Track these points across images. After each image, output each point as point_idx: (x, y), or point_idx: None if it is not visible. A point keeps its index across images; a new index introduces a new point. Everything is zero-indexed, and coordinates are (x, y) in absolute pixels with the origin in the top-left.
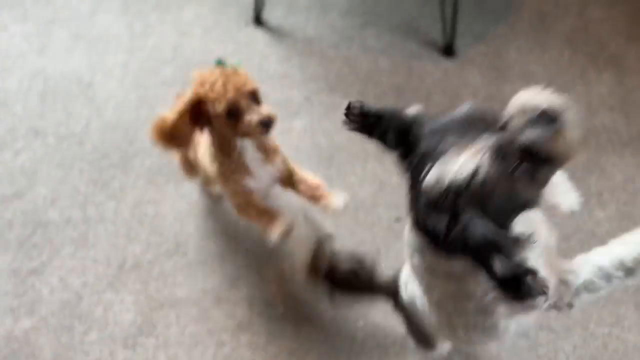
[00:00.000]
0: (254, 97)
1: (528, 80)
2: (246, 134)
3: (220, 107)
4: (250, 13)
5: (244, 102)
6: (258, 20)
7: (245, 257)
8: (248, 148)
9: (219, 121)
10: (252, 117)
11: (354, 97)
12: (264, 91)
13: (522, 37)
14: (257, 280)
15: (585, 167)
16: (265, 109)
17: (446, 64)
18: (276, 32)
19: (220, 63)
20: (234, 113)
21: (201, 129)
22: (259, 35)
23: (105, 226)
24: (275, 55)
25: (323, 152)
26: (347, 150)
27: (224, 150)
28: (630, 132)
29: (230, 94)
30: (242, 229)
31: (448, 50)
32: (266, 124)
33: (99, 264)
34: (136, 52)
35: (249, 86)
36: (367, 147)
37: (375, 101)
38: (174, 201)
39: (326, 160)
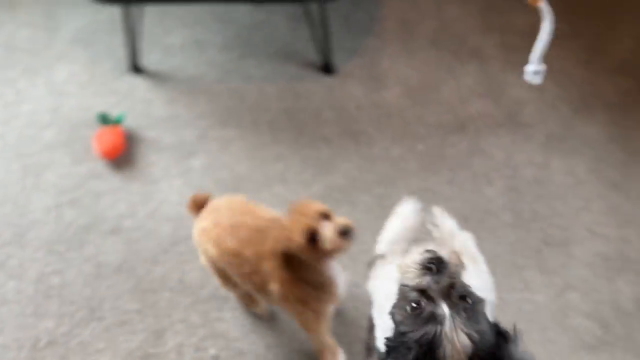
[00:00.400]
0: (326, 217)
1: (404, 83)
2: (331, 252)
3: (299, 239)
4: (125, 62)
5: (317, 225)
6: (135, 68)
7: (166, 307)
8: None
9: (305, 253)
10: (329, 230)
11: (247, 127)
12: (155, 136)
13: (391, 45)
14: (182, 327)
15: (467, 152)
16: (338, 219)
17: (328, 81)
18: (156, 77)
19: (103, 118)
20: (314, 239)
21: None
22: (138, 83)
23: (10, 307)
24: (159, 100)
25: (227, 185)
26: (250, 178)
27: (309, 280)
28: (501, 113)
29: (302, 222)
30: (157, 278)
31: (327, 68)
32: (344, 232)
33: (9, 349)
34: (12, 121)
35: (316, 208)
36: (269, 172)
37: (268, 127)
38: (80, 266)
39: (232, 191)
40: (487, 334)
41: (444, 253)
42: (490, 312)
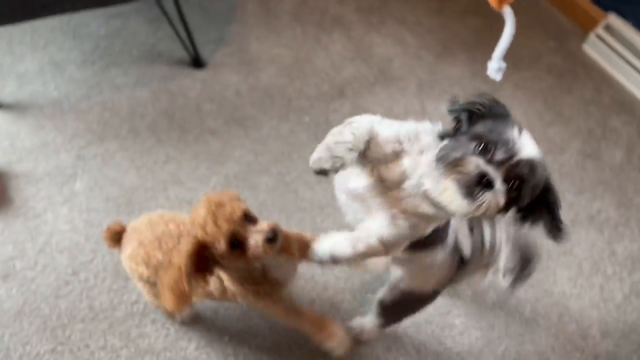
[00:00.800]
0: (249, 218)
1: (277, 62)
2: (258, 257)
3: (221, 246)
4: None
5: (241, 230)
6: None
7: (82, 339)
8: (267, 263)
9: (226, 258)
10: (256, 239)
11: (126, 137)
12: (27, 168)
13: (255, 29)
14: (104, 354)
15: (351, 113)
16: (263, 225)
17: (201, 74)
18: (16, 108)
19: None
20: (236, 244)
21: (211, 273)
22: None
23: None
24: (24, 130)
25: (118, 200)
26: (141, 187)
27: (248, 279)
28: (373, 72)
29: (225, 228)
30: (65, 312)
31: (197, 63)
32: (271, 239)
33: None
34: None
35: (238, 212)
36: (160, 176)
37: (150, 132)
38: None
39: (125, 206)
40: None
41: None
42: None
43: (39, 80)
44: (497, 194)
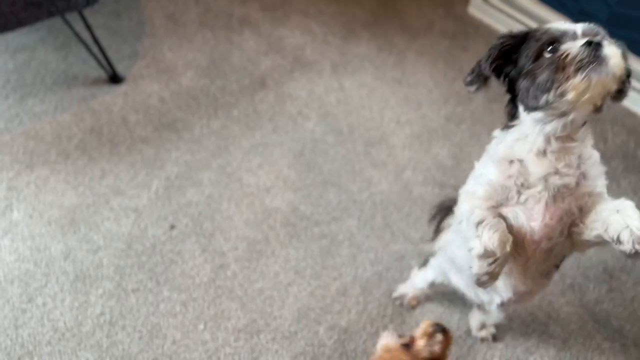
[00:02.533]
0: None
1: (195, 66)
2: None
3: None
4: None
5: None
6: None
7: None
8: None
9: None
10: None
11: (57, 161)
12: None
13: (167, 39)
14: None
15: (277, 101)
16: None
17: (121, 88)
18: None
19: None
20: None
21: None
22: None
23: None
24: None
25: (61, 221)
26: (82, 205)
27: None
28: (288, 61)
29: None
30: (27, 340)
31: (115, 79)
32: None
33: None
34: None
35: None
36: (99, 190)
37: (80, 151)
38: None
39: (70, 226)
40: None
41: None
42: None
43: None
44: (612, 47)
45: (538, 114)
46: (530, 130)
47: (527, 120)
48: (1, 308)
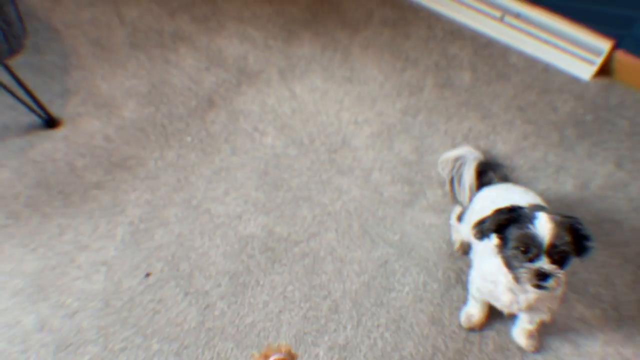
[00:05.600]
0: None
1: (134, 94)
2: None
3: None
4: None
5: None
6: None
7: None
8: None
9: None
10: None
11: (6, 225)
12: None
13: (98, 69)
14: None
15: (230, 119)
16: None
17: (59, 133)
18: None
19: None
20: None
21: None
22: None
23: None
24: None
25: (27, 290)
26: (46, 268)
27: None
28: (233, 75)
29: None
30: None
31: (51, 123)
32: None
33: None
34: None
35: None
36: (61, 249)
37: (30, 210)
38: None
39: (37, 294)
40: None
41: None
42: None
43: None
44: (555, 273)
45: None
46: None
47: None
48: None
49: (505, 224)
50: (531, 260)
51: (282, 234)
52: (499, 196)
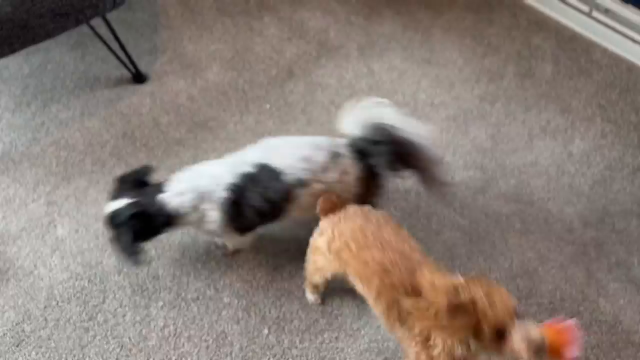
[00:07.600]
0: (516, 314)
1: (219, 58)
2: (510, 354)
3: (486, 331)
4: None
5: (510, 324)
6: None
7: None
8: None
9: (481, 341)
10: (520, 344)
11: (93, 170)
12: None
13: (186, 30)
14: None
15: (307, 91)
16: (532, 331)
17: (146, 88)
18: None
19: None
20: (500, 334)
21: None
22: None
23: None
24: None
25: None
26: None
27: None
28: (313, 47)
29: (500, 316)
30: None
31: (139, 78)
32: (538, 349)
33: None
34: None
35: (513, 305)
36: None
37: (115, 159)
38: None
39: None
40: None
41: None
42: None
43: None
44: None
45: None
46: None
47: None
48: (63, 328)
49: None
50: None
51: None
52: None
